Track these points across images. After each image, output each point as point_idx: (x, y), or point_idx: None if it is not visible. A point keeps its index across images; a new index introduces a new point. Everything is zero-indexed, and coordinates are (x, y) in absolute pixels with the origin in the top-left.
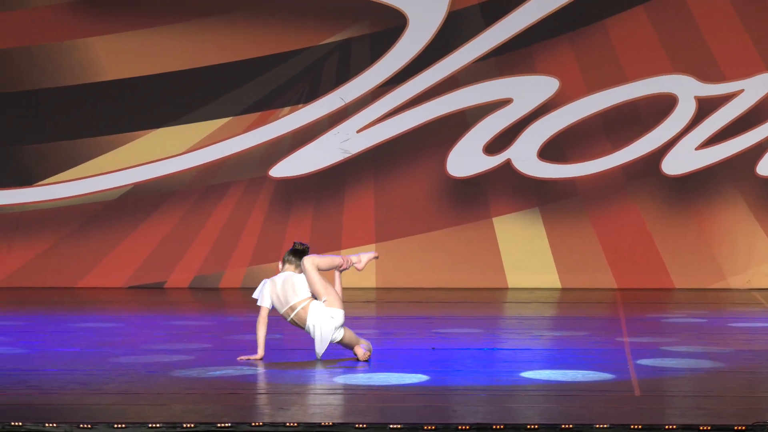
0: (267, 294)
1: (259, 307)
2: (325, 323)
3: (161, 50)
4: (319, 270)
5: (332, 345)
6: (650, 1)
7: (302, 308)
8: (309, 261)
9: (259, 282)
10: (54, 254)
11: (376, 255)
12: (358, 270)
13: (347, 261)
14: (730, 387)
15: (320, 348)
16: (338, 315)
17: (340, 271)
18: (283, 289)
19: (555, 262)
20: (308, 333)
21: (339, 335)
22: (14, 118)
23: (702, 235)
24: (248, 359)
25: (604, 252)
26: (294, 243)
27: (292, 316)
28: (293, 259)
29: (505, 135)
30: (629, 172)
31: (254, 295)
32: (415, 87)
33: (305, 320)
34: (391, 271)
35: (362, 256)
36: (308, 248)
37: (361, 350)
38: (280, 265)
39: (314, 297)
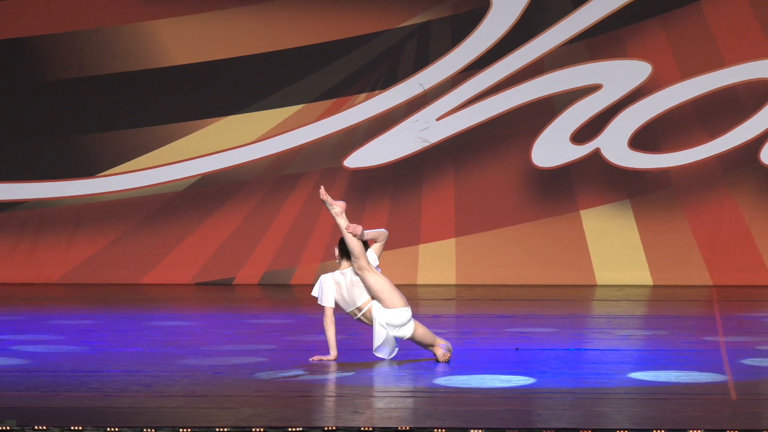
0: (329, 293)
1: (321, 306)
2: (386, 327)
3: (230, 34)
4: (368, 254)
5: (408, 344)
6: None
7: (368, 309)
8: (359, 268)
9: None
10: (117, 249)
11: (336, 209)
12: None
13: (351, 229)
14: None
15: (380, 353)
16: (398, 317)
17: (361, 238)
18: (350, 292)
19: (646, 257)
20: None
21: (407, 332)
22: (76, 106)
23: None
24: (321, 360)
25: (699, 247)
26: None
27: (359, 315)
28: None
29: (593, 123)
30: (726, 162)
31: (314, 293)
32: (498, 72)
33: (372, 319)
34: (472, 266)
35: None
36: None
37: (441, 350)
38: (337, 253)
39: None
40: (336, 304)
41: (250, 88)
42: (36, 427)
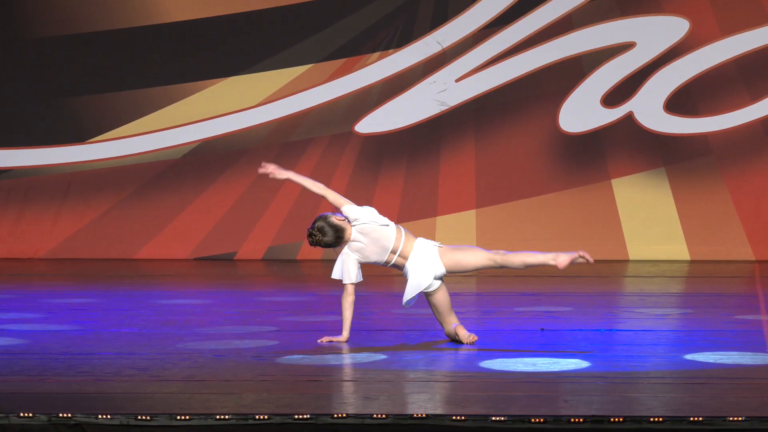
0: (352, 268)
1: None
2: (425, 268)
3: None
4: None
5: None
6: None
7: (402, 246)
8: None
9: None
10: (109, 221)
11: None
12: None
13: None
14: None
15: (406, 303)
16: (440, 270)
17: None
18: (377, 242)
19: (683, 230)
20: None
21: (434, 285)
22: (65, 66)
23: None
24: (330, 341)
25: (740, 219)
26: (312, 233)
27: (394, 259)
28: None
29: (626, 84)
30: None
31: (335, 275)
32: (522, 29)
33: (407, 258)
34: (494, 239)
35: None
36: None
37: (465, 331)
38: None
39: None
40: (369, 265)
41: (254, 46)
42: (21, 415)
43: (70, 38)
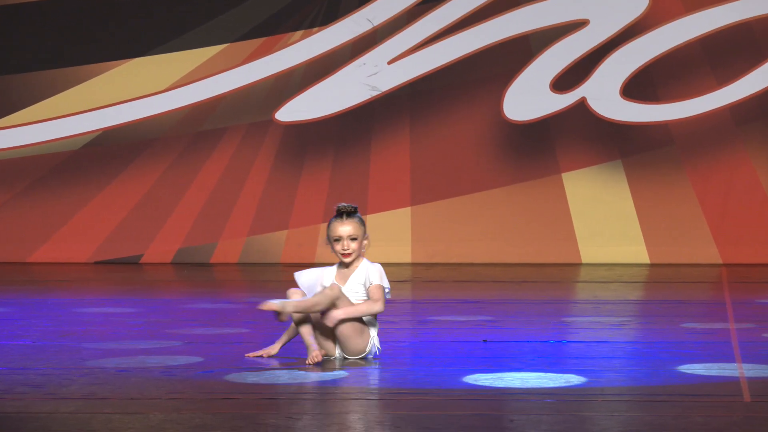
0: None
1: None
2: None
3: None
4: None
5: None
6: None
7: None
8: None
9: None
10: None
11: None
12: None
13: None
14: None
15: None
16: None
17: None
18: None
19: (642, 230)
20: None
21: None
22: None
23: None
24: (258, 356)
25: (706, 217)
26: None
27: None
28: None
29: (579, 67)
30: (738, 115)
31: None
32: (463, 5)
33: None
34: (431, 241)
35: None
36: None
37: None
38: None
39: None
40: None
41: (162, 23)
42: None
43: None
